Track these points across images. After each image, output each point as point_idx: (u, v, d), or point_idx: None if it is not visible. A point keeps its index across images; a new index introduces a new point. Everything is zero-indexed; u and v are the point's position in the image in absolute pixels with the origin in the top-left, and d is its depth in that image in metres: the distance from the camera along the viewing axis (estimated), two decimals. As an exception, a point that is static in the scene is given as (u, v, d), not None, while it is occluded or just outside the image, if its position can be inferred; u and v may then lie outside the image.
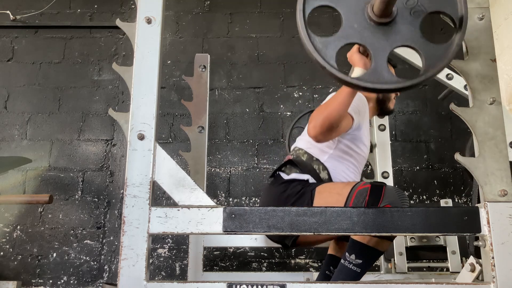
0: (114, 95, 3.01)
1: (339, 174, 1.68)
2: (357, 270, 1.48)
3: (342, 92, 1.46)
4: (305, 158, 1.70)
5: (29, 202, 1.91)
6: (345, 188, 1.51)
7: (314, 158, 1.68)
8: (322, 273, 1.89)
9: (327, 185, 1.60)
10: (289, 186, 1.64)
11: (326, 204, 1.51)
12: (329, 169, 1.67)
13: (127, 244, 1.08)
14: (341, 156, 1.68)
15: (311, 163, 1.67)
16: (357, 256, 1.48)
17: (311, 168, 1.66)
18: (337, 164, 1.68)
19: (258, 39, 3.09)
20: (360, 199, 1.45)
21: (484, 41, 1.17)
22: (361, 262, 1.48)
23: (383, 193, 1.43)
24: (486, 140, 1.10)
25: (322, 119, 1.44)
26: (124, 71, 1.21)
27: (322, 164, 1.67)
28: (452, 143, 2.87)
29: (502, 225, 1.05)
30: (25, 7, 3.14)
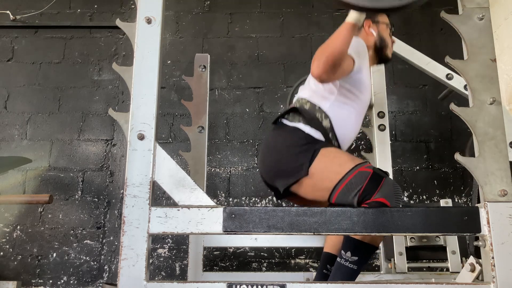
0: (114, 95, 3.01)
1: (341, 121, 1.68)
2: (353, 267, 1.48)
3: (342, 28, 1.47)
4: (308, 107, 1.69)
5: (29, 202, 1.91)
6: (348, 163, 1.50)
7: (317, 107, 1.68)
8: (319, 272, 1.89)
9: (332, 151, 1.58)
10: (294, 136, 1.63)
11: (325, 170, 1.52)
12: (331, 117, 1.66)
13: (127, 244, 1.08)
14: (343, 102, 1.68)
15: (314, 111, 1.67)
16: (352, 253, 1.48)
17: (314, 117, 1.65)
18: (339, 111, 1.68)
19: (258, 39, 3.09)
20: (358, 181, 1.44)
21: (484, 41, 1.17)
22: (357, 259, 1.48)
23: (381, 184, 1.43)
24: (486, 140, 1.10)
25: (325, 57, 1.44)
26: (124, 71, 1.21)
27: (324, 112, 1.66)
28: (452, 143, 2.87)
29: (502, 225, 1.05)
30: (25, 7, 3.14)
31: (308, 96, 1.72)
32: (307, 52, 3.01)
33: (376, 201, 1.40)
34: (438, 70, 2.25)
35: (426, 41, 3.02)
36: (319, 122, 1.65)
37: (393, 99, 2.94)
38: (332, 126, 1.66)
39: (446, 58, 1.18)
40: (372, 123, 2.36)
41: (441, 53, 1.71)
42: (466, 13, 1.19)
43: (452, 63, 1.17)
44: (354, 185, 1.45)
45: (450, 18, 1.20)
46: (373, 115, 2.37)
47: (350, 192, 1.46)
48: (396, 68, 2.98)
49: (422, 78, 2.74)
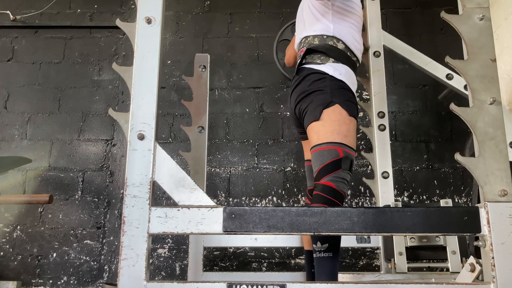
0: (114, 95, 3.01)
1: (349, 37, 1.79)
2: (329, 255, 1.52)
3: None
4: (318, 41, 1.79)
5: (29, 202, 1.91)
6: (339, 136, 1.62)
7: (324, 36, 1.78)
8: (308, 272, 1.91)
9: (343, 115, 1.65)
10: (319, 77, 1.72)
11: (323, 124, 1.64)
12: (341, 38, 1.77)
13: (127, 244, 1.08)
14: (341, 18, 1.78)
15: (325, 41, 1.77)
16: (322, 242, 1.53)
17: (329, 46, 1.75)
18: (343, 29, 1.78)
19: (258, 39, 3.09)
20: (328, 156, 1.59)
21: (484, 41, 1.17)
22: (328, 245, 1.52)
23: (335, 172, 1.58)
24: (486, 140, 1.10)
25: None
26: (124, 71, 1.21)
27: (334, 36, 1.77)
28: (452, 143, 2.87)
29: (502, 225, 1.05)
30: (25, 7, 3.14)
31: (310, 33, 1.82)
32: (307, 52, 3.01)
33: (322, 183, 1.56)
34: (438, 70, 2.25)
35: (426, 41, 3.02)
36: (335, 48, 1.75)
37: (393, 99, 2.94)
38: (346, 45, 1.77)
39: (446, 58, 1.18)
40: (372, 123, 2.36)
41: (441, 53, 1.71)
42: (466, 13, 1.19)
43: (452, 63, 1.17)
44: (324, 156, 1.60)
45: (450, 18, 1.20)
46: (373, 115, 2.37)
47: (317, 161, 1.62)
48: (396, 68, 2.97)
49: (422, 78, 2.75)
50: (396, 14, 3.09)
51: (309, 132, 1.70)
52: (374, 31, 2.34)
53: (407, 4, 3.11)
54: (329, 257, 1.52)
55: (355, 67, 1.83)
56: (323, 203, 1.53)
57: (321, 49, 1.75)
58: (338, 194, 1.56)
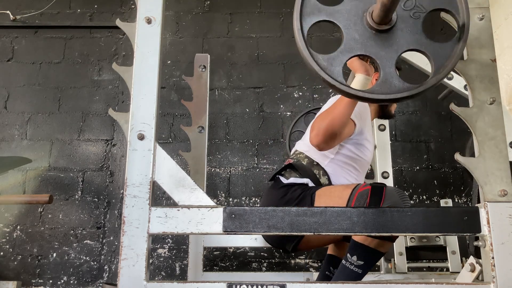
0: (114, 95, 3.01)
1: (339, 179, 1.65)
2: (358, 271, 1.47)
3: (344, 99, 1.43)
4: (306, 163, 1.67)
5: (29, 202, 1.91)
6: (345, 191, 1.49)
7: (315, 162, 1.65)
8: (322, 273, 1.89)
9: (327, 188, 1.57)
10: (289, 191, 1.61)
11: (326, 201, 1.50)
12: (329, 174, 1.64)
13: (127, 244, 1.08)
14: (343, 161, 1.65)
15: (311, 167, 1.64)
16: (358, 257, 1.47)
17: (311, 173, 1.63)
18: (338, 169, 1.65)
19: (258, 39, 3.09)
20: (361, 201, 1.43)
21: (484, 41, 1.17)
22: (363, 264, 1.47)
23: (384, 195, 1.41)
24: (486, 140, 1.10)
25: (325, 128, 1.42)
26: (124, 71, 1.21)
27: (323, 169, 1.64)
28: (452, 143, 2.87)
29: (502, 225, 1.05)
30: (25, 7, 3.14)
31: (306, 151, 1.69)
32: (307, 52, 3.01)
33: None
34: (438, 70, 2.24)
35: (426, 41, 3.02)
36: (317, 179, 1.62)
37: (393, 99, 2.94)
38: (330, 183, 1.63)
39: (446, 58, 1.18)
40: (372, 123, 2.36)
41: (441, 53, 1.71)
42: (466, 13, 1.19)
43: (452, 63, 1.17)
44: (360, 204, 1.43)
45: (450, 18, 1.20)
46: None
47: None
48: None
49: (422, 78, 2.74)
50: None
51: None
52: (374, 31, 2.34)
53: (407, 4, 3.10)
54: (358, 273, 1.47)
55: None
56: None
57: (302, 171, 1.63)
58: None
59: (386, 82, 0.95)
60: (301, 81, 3.00)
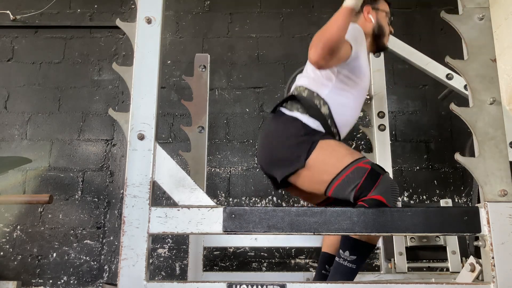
0: (114, 95, 3.01)
1: (339, 107, 1.66)
2: (352, 267, 1.48)
3: (339, 14, 1.47)
4: (306, 94, 1.68)
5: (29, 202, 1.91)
6: (347, 157, 1.49)
7: (315, 93, 1.67)
8: (318, 272, 1.89)
9: (331, 144, 1.57)
10: (293, 126, 1.61)
11: (322, 163, 1.51)
12: (329, 104, 1.65)
13: (127, 244, 1.08)
14: (341, 88, 1.67)
15: (312, 98, 1.66)
16: (350, 252, 1.47)
17: (313, 104, 1.64)
18: (337, 97, 1.67)
19: (258, 39, 3.09)
20: (356, 177, 1.43)
21: (484, 41, 1.17)
22: (355, 258, 1.48)
23: (378, 182, 1.41)
24: (486, 140, 1.10)
25: (323, 43, 1.44)
26: (124, 71, 1.21)
27: (323, 99, 1.65)
28: (452, 143, 2.87)
29: (502, 225, 1.05)
30: (25, 7, 3.14)
31: (306, 84, 1.71)
32: (307, 52, 3.01)
33: (373, 198, 1.39)
34: (438, 70, 2.25)
35: (426, 41, 3.02)
36: (318, 109, 1.64)
37: (393, 99, 2.94)
38: (330, 112, 1.65)
39: (446, 58, 1.18)
40: (372, 123, 2.36)
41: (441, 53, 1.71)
42: (466, 13, 1.19)
43: (452, 63, 1.17)
44: (351, 180, 1.44)
45: (450, 18, 1.20)
46: (373, 115, 2.37)
47: (347, 187, 1.45)
48: (396, 68, 2.98)
49: (422, 78, 2.74)
50: (396, 14, 3.08)
51: (305, 178, 1.56)
52: (374, 31, 2.34)
53: (407, 4, 3.11)
54: (352, 268, 1.47)
55: (332, 136, 1.67)
56: None
57: (303, 102, 1.64)
58: None
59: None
60: (301, 81, 3.00)
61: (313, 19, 3.11)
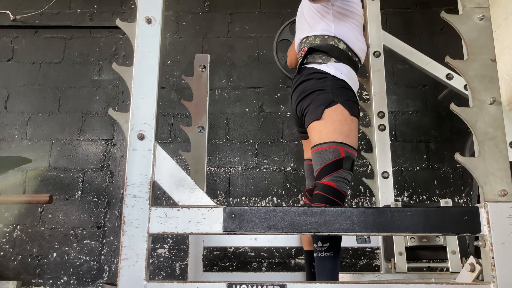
0: (114, 95, 3.01)
1: (350, 36, 1.78)
2: (330, 254, 1.52)
3: None
4: (319, 41, 1.78)
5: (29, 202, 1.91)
6: (341, 135, 1.61)
7: (325, 36, 1.77)
8: (308, 272, 1.90)
9: (344, 115, 1.64)
10: (322, 80, 1.70)
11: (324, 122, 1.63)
12: (342, 38, 1.76)
13: (127, 244, 1.08)
14: (342, 19, 1.78)
15: (327, 41, 1.76)
16: (322, 241, 1.52)
17: (330, 46, 1.74)
18: (344, 29, 1.78)
19: (258, 39, 3.09)
20: (329, 155, 1.59)
21: (484, 41, 1.17)
22: (329, 245, 1.52)
23: (337, 172, 1.57)
24: (486, 140, 1.10)
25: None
26: (124, 71, 1.21)
27: (335, 37, 1.76)
28: (452, 143, 2.87)
29: (502, 225, 1.05)
30: (25, 7, 3.14)
31: (311, 32, 1.81)
32: (307, 52, 3.01)
33: (323, 183, 1.56)
34: (438, 70, 2.25)
35: (426, 41, 3.02)
36: (337, 48, 1.74)
37: (393, 99, 2.94)
38: (348, 45, 1.77)
39: (446, 58, 1.18)
40: (372, 123, 2.36)
41: (441, 53, 1.71)
42: (466, 13, 1.19)
43: (452, 63, 1.17)
44: (325, 156, 1.59)
45: (450, 18, 1.20)
46: (373, 115, 2.37)
47: (318, 160, 1.61)
48: (396, 68, 2.98)
49: (422, 78, 2.75)
50: (396, 14, 3.09)
51: (310, 132, 1.69)
52: (374, 31, 2.34)
53: (407, 4, 3.11)
54: (330, 256, 1.51)
55: (357, 67, 1.82)
56: (324, 202, 1.53)
57: (323, 48, 1.74)
58: (339, 194, 1.55)
59: None
60: (301, 81, 3.00)
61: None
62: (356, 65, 1.80)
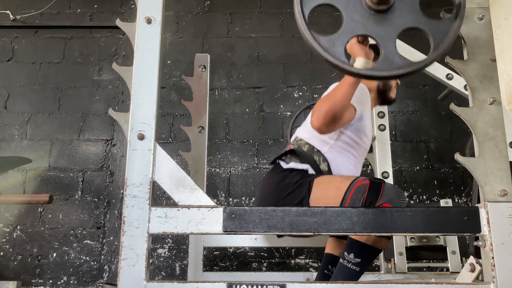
0: (114, 95, 3.01)
1: (339, 166, 1.66)
2: (356, 269, 1.48)
3: (345, 82, 1.45)
4: (306, 149, 1.69)
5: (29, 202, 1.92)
6: (344, 183, 1.49)
7: (315, 149, 1.67)
8: (320, 272, 1.89)
9: (325, 178, 1.58)
10: (288, 176, 1.62)
11: (324, 197, 1.51)
12: (329, 161, 1.65)
13: (127, 244, 1.08)
14: (342, 147, 1.67)
15: (312, 154, 1.66)
16: (356, 255, 1.47)
17: (312, 159, 1.65)
18: (337, 156, 1.66)
19: (258, 39, 3.09)
20: (359, 195, 1.43)
21: (484, 41, 1.17)
22: (360, 261, 1.47)
23: (382, 191, 1.41)
24: (486, 140, 1.10)
25: (326, 111, 1.43)
26: (124, 71, 1.21)
27: (323, 155, 1.66)
28: (452, 143, 2.87)
29: (502, 225, 1.05)
30: (25, 7, 3.14)
31: (306, 138, 1.71)
32: (307, 52, 3.01)
33: (380, 207, 1.39)
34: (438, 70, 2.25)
35: (426, 41, 3.01)
36: (317, 165, 1.64)
37: (393, 99, 2.94)
38: (330, 170, 1.65)
39: (446, 58, 1.18)
40: (372, 123, 2.36)
41: (441, 53, 1.70)
42: (466, 13, 1.19)
43: (452, 63, 1.17)
44: (356, 201, 1.43)
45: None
46: (373, 115, 2.37)
47: None
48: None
49: (422, 78, 2.74)
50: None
51: None
52: (374, 31, 2.34)
53: (407, 4, 3.10)
54: (356, 271, 1.47)
55: None
56: None
57: (303, 157, 1.66)
58: None
59: (387, 59, 0.99)
60: (301, 81, 3.00)
61: (313, 19, 3.11)
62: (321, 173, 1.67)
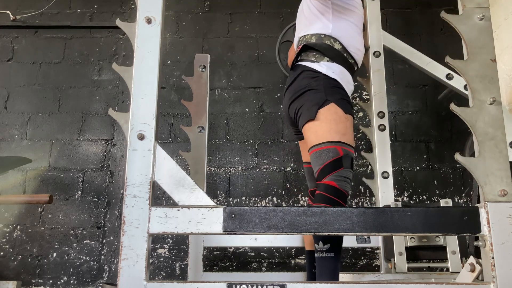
0: (114, 95, 3.01)
1: (347, 38, 1.76)
2: (331, 255, 1.52)
3: None
4: (315, 39, 1.76)
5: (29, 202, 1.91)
6: (337, 134, 1.61)
7: (322, 35, 1.75)
8: (309, 272, 1.90)
9: (338, 113, 1.64)
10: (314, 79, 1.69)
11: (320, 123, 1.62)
12: (338, 39, 1.74)
13: (127, 244, 1.08)
14: (340, 18, 1.76)
15: (322, 40, 1.75)
16: (323, 242, 1.52)
17: (325, 45, 1.73)
18: (341, 29, 1.76)
19: (258, 39, 3.09)
20: (327, 155, 1.58)
21: (484, 41, 1.17)
22: (330, 245, 1.52)
23: (338, 171, 1.56)
24: (486, 140, 1.10)
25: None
26: (124, 71, 1.21)
27: (331, 36, 1.75)
28: (452, 143, 2.87)
29: (502, 225, 1.05)
30: (25, 7, 3.14)
31: (308, 31, 1.80)
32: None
33: (325, 183, 1.55)
34: (438, 70, 2.25)
35: (426, 41, 3.02)
36: (332, 48, 1.73)
37: (393, 99, 2.94)
38: (343, 46, 1.75)
39: (446, 58, 1.18)
40: (372, 123, 2.36)
41: (441, 53, 1.71)
42: (466, 13, 1.19)
43: (452, 63, 1.17)
44: (323, 156, 1.58)
45: (450, 18, 1.20)
46: (373, 115, 2.37)
47: (317, 161, 1.60)
48: (396, 68, 2.98)
49: (422, 78, 2.74)
50: (396, 14, 3.09)
51: (305, 133, 1.68)
52: (374, 31, 2.34)
53: (407, 4, 3.11)
54: (331, 257, 1.51)
55: (352, 69, 1.80)
56: (326, 202, 1.52)
57: (317, 47, 1.73)
58: (341, 194, 1.55)
59: None
60: (301, 81, 3.00)
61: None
62: (351, 67, 1.78)
